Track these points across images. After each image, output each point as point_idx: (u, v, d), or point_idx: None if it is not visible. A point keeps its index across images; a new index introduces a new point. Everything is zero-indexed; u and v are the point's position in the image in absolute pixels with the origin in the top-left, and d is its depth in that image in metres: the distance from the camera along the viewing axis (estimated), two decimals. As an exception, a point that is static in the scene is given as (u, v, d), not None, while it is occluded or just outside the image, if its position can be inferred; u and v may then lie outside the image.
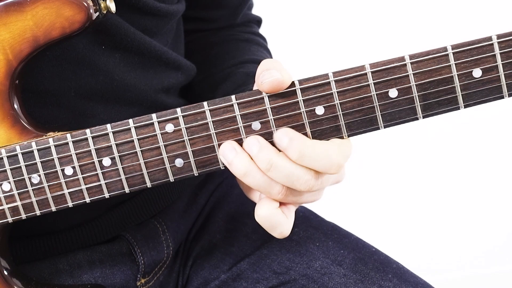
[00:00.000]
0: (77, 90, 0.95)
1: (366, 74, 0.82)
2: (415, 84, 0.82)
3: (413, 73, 0.81)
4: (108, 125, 0.83)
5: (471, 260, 2.33)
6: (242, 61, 1.12)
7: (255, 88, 0.84)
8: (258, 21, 1.28)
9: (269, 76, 0.80)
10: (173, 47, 1.08)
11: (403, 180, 2.28)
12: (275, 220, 0.83)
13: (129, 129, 0.83)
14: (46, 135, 0.85)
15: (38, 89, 0.92)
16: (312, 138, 0.83)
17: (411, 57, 0.81)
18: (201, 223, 1.13)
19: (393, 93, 0.82)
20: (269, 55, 1.21)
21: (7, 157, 0.84)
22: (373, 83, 0.82)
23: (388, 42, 2.09)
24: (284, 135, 0.81)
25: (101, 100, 0.97)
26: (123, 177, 0.84)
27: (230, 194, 1.16)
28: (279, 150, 0.82)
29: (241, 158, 0.82)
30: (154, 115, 0.83)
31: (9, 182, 0.85)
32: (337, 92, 0.82)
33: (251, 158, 0.82)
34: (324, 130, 0.83)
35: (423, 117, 0.83)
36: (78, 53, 0.93)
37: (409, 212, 2.30)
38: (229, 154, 0.82)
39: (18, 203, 0.85)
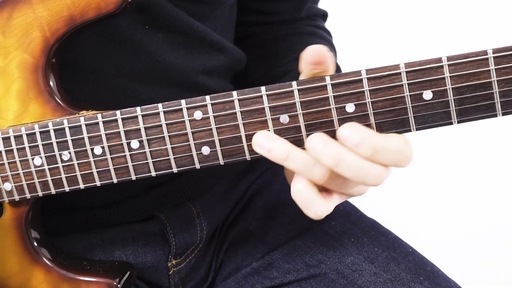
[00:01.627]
0: (118, 69, 0.97)
1: (400, 73, 0.81)
2: (451, 88, 0.80)
3: (449, 76, 0.80)
4: (138, 108, 0.86)
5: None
6: None
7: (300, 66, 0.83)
8: (323, 15, 1.27)
9: (311, 48, 0.79)
10: (222, 33, 1.09)
11: (462, 180, 2.23)
12: (309, 196, 0.81)
13: (158, 113, 0.86)
14: (78, 114, 0.89)
15: (78, 65, 0.95)
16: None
17: (449, 59, 0.80)
18: (239, 210, 1.15)
19: (427, 95, 0.81)
20: (333, 50, 1.20)
21: (40, 132, 0.88)
22: (407, 83, 0.81)
23: (427, 42, 2.04)
24: (355, 131, 0.79)
25: (141, 79, 0.99)
26: (150, 160, 0.87)
27: (273, 183, 1.17)
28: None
29: (279, 143, 0.81)
30: (183, 101, 0.85)
31: (41, 157, 0.89)
32: (369, 90, 0.81)
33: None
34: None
35: (458, 122, 0.82)
36: (121, 31, 0.96)
37: (468, 216, 2.25)
38: (266, 142, 0.81)
39: (48, 178, 0.89)
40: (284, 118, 0.83)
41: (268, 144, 0.82)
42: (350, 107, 0.82)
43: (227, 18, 1.11)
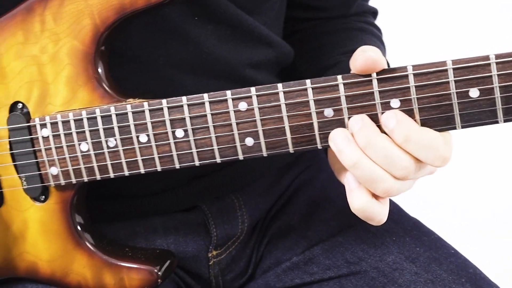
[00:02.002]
0: (166, 59, 0.99)
1: (447, 70, 0.81)
2: (498, 86, 0.80)
3: (497, 74, 0.80)
4: (184, 98, 0.87)
5: None
6: (352, 50, 1.11)
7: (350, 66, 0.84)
8: (373, 12, 1.27)
9: (364, 55, 0.80)
10: (271, 27, 1.10)
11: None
12: (372, 211, 0.83)
13: (204, 103, 0.87)
14: (125, 101, 0.91)
15: (127, 54, 0.97)
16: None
17: (497, 57, 0.79)
18: (281, 204, 1.15)
19: (474, 93, 0.81)
20: (382, 46, 1.21)
21: (87, 118, 0.90)
22: (454, 80, 0.81)
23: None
24: (392, 116, 0.81)
25: (189, 71, 1.01)
26: (194, 150, 0.88)
27: (316, 178, 1.18)
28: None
29: (353, 147, 0.81)
30: (228, 92, 0.86)
31: (87, 143, 0.91)
32: (415, 86, 0.82)
33: (361, 149, 0.82)
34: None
35: (504, 121, 0.81)
36: (170, 22, 0.98)
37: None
38: (341, 142, 0.82)
39: (94, 163, 0.91)
40: (329, 112, 0.84)
41: (342, 145, 0.82)
42: (395, 103, 0.82)
43: (276, 13, 1.13)
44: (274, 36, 1.08)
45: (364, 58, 0.80)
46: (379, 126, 0.83)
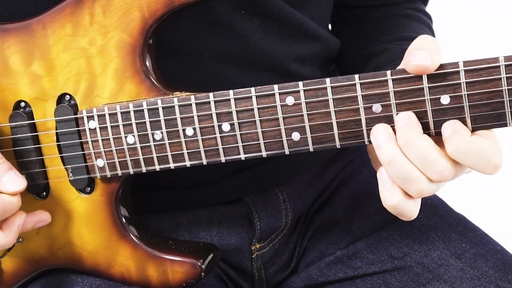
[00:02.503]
0: (212, 52, 1.00)
1: (499, 67, 0.80)
2: (552, 83, 0.80)
3: (550, 71, 0.80)
4: (231, 91, 0.88)
5: None
6: (400, 37, 1.13)
7: (402, 63, 0.85)
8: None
9: (417, 59, 0.80)
10: (318, 21, 1.11)
11: None
12: (404, 208, 0.84)
13: (251, 97, 0.88)
14: (172, 94, 0.92)
15: (174, 47, 0.99)
16: (434, 128, 0.83)
17: (551, 54, 0.79)
18: (325, 198, 1.16)
19: (526, 90, 0.81)
20: (431, 33, 1.20)
21: (134, 111, 0.92)
22: (506, 77, 0.80)
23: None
24: (449, 126, 0.81)
25: (235, 64, 1.02)
26: (240, 143, 0.89)
27: (360, 172, 1.18)
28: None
29: (391, 144, 0.82)
30: (276, 86, 0.87)
31: (134, 136, 0.92)
32: (466, 82, 0.82)
33: (399, 147, 0.82)
34: (447, 121, 0.83)
35: (557, 119, 0.81)
36: (217, 15, 0.99)
37: None
38: (381, 137, 0.82)
39: (140, 156, 0.93)
40: (377, 107, 0.85)
41: (381, 140, 0.82)
42: (445, 99, 0.82)
43: (324, 7, 1.13)
44: (322, 30, 1.09)
45: (416, 64, 0.80)
46: (426, 124, 0.83)
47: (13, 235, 0.93)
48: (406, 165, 0.81)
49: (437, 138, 0.83)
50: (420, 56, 0.80)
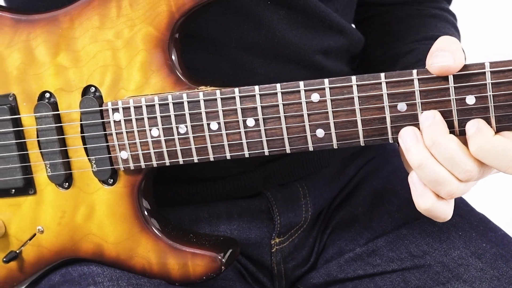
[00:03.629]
0: (238, 42, 1.04)
1: (525, 68, 0.83)
2: None
3: None
4: (256, 87, 0.91)
5: None
6: (426, 37, 1.16)
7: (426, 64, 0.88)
8: None
9: (440, 61, 0.83)
10: (342, 15, 1.14)
11: None
12: (438, 211, 0.87)
13: (276, 93, 0.91)
14: (197, 89, 0.95)
15: (200, 36, 1.02)
16: (459, 128, 0.86)
17: None
18: (346, 194, 1.20)
19: (552, 92, 0.83)
20: (456, 32, 1.23)
21: (159, 104, 0.95)
22: (532, 79, 0.83)
23: None
24: (473, 125, 0.84)
25: (260, 54, 1.05)
26: (264, 139, 0.93)
27: (381, 169, 1.21)
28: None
29: (420, 148, 0.85)
30: (301, 83, 0.90)
31: (158, 129, 0.96)
32: (492, 83, 0.84)
33: (427, 148, 0.85)
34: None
35: None
36: (244, 5, 1.02)
37: None
38: (409, 141, 0.85)
39: (164, 149, 0.96)
40: (402, 106, 0.87)
41: (410, 143, 0.86)
42: (470, 99, 0.85)
43: (348, 1, 1.16)
44: (346, 23, 1.12)
45: (439, 66, 0.83)
46: (451, 123, 0.86)
47: None
48: (436, 168, 0.85)
49: (463, 138, 0.85)
50: (443, 57, 0.83)
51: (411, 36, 1.17)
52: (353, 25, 1.27)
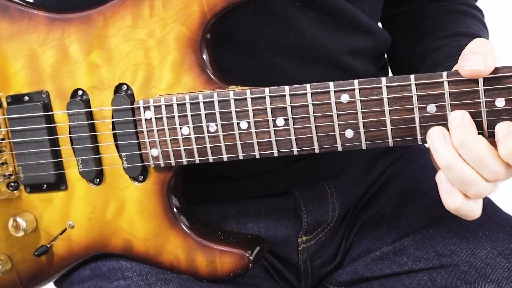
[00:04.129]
0: (268, 43, 1.05)
1: (555, 72, 0.84)
2: None
3: None
4: (286, 87, 0.93)
5: None
6: (454, 33, 1.17)
7: (456, 66, 0.89)
8: None
9: (471, 64, 0.84)
10: (369, 15, 1.15)
11: None
12: (466, 210, 0.89)
13: (306, 94, 0.93)
14: (228, 88, 0.97)
15: (231, 37, 1.04)
16: (488, 130, 0.87)
17: None
18: (372, 193, 1.21)
19: None
20: (484, 29, 1.24)
21: (190, 103, 0.97)
22: (562, 82, 0.84)
23: None
24: (502, 127, 0.85)
25: (289, 55, 1.07)
26: (293, 138, 0.94)
27: (408, 169, 1.23)
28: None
29: (448, 149, 0.86)
30: (331, 84, 0.91)
31: (188, 127, 0.98)
32: (522, 86, 0.86)
33: (455, 149, 0.86)
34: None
35: None
36: (273, 7, 1.04)
37: None
38: (438, 141, 0.87)
39: (194, 147, 0.98)
40: (431, 108, 0.89)
41: (437, 144, 0.87)
42: (500, 102, 0.86)
43: (376, 1, 1.17)
44: (373, 24, 1.13)
45: (470, 69, 0.85)
46: (480, 124, 0.87)
47: None
48: (464, 168, 0.86)
49: (492, 140, 0.87)
50: (474, 60, 0.84)
51: (440, 32, 1.18)
52: (380, 25, 1.28)
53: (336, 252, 1.19)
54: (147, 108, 0.99)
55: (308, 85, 0.92)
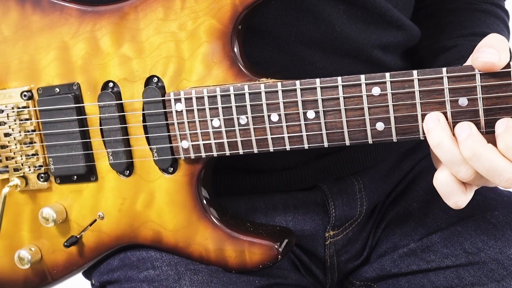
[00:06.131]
0: (298, 36, 1.06)
1: None
2: None
3: None
4: (317, 80, 0.93)
5: None
6: (473, 33, 1.17)
7: (469, 59, 0.90)
8: None
9: (485, 56, 0.85)
10: (402, 10, 1.15)
11: None
12: (450, 188, 0.90)
13: (337, 86, 0.93)
14: (259, 81, 0.97)
15: (261, 29, 1.04)
16: None
17: None
18: (401, 189, 1.21)
19: None
20: (506, 29, 1.24)
21: (221, 95, 0.97)
22: None
23: None
24: (502, 123, 0.86)
25: (319, 48, 1.07)
26: (324, 131, 0.94)
27: None
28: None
29: (439, 129, 0.88)
30: (362, 76, 0.91)
31: (219, 119, 0.98)
32: (553, 79, 0.85)
33: (453, 136, 0.87)
34: None
35: None
36: (304, 1, 1.04)
37: None
38: (431, 122, 0.88)
39: (224, 140, 0.99)
40: (463, 101, 0.89)
41: (430, 125, 0.88)
42: (533, 95, 0.86)
43: None
44: (405, 19, 1.13)
45: (484, 61, 0.85)
46: None
47: None
48: (463, 167, 0.88)
49: None
50: (489, 53, 0.85)
51: (458, 30, 1.18)
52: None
53: (363, 248, 1.19)
54: (178, 100, 0.99)
55: (339, 78, 0.92)
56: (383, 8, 1.08)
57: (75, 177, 1.08)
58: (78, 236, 1.09)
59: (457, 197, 0.89)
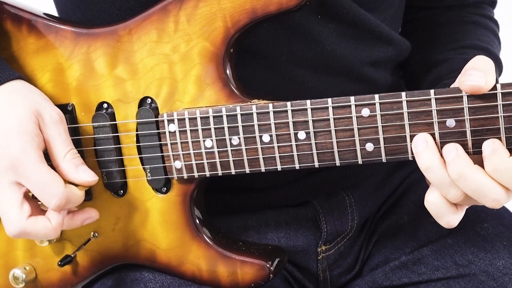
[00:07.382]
0: (289, 56, 1.09)
1: None
2: None
3: None
4: (308, 101, 0.96)
5: None
6: (463, 46, 1.21)
7: (457, 81, 0.93)
8: (492, 2, 1.33)
9: (472, 79, 0.88)
10: (390, 23, 1.18)
11: None
12: (441, 208, 0.93)
13: (327, 107, 0.96)
14: (251, 102, 1.00)
15: (252, 49, 1.07)
16: (507, 145, 0.90)
17: None
18: (391, 203, 1.24)
19: None
20: (496, 40, 1.27)
21: (213, 116, 1.00)
22: None
23: None
24: (489, 144, 0.89)
25: (310, 67, 1.10)
26: (314, 151, 0.98)
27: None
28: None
29: (429, 152, 0.91)
30: (352, 98, 0.95)
31: (212, 140, 1.01)
32: (540, 101, 0.88)
33: (441, 157, 0.91)
34: None
35: None
36: (294, 20, 1.07)
37: None
38: (420, 145, 0.91)
39: (217, 160, 1.02)
40: (451, 122, 0.92)
41: (419, 147, 0.92)
42: (520, 116, 0.89)
43: (397, 9, 1.20)
44: (394, 33, 1.16)
45: (471, 84, 0.88)
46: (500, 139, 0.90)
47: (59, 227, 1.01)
48: (453, 190, 0.91)
49: None
50: (475, 76, 0.88)
51: (449, 43, 1.21)
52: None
53: (355, 262, 1.22)
54: (171, 121, 1.02)
55: (329, 99, 0.95)
56: (372, 24, 1.12)
57: (69, 196, 1.11)
58: (72, 255, 1.11)
59: (448, 217, 0.93)
